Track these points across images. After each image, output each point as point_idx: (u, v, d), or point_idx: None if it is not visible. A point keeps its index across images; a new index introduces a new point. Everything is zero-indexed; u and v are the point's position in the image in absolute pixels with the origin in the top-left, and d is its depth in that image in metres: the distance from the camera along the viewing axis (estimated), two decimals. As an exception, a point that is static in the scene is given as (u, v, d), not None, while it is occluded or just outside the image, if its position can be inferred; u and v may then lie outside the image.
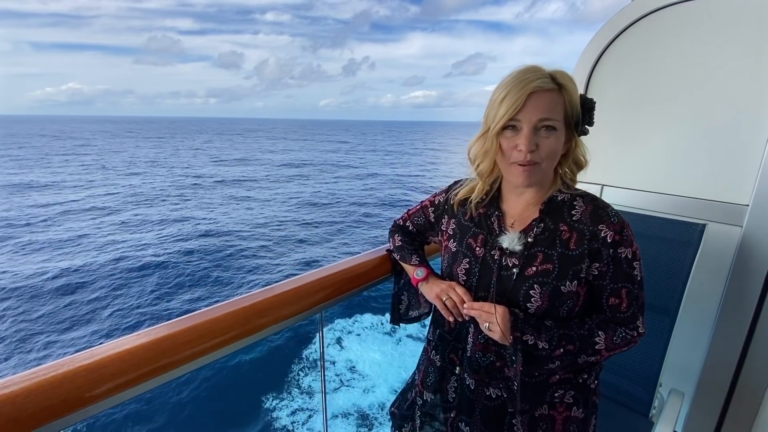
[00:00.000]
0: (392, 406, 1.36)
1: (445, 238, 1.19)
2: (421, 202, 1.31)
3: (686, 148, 1.72)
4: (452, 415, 1.14)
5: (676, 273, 1.52)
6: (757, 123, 1.53)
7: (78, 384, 0.72)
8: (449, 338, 1.14)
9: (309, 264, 13.55)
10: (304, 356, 8.10)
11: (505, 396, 1.05)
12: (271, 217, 19.66)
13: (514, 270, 1.00)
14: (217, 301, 1.04)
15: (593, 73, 1.91)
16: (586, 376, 1.08)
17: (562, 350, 0.96)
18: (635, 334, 1.01)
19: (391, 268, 1.40)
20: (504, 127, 0.96)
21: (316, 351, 7.89)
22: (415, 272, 1.21)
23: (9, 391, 0.66)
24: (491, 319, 0.96)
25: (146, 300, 11.25)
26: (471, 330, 1.07)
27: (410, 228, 1.34)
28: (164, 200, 23.06)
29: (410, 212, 1.34)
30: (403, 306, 1.38)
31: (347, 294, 1.32)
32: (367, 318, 9.32)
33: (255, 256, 14.41)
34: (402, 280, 1.38)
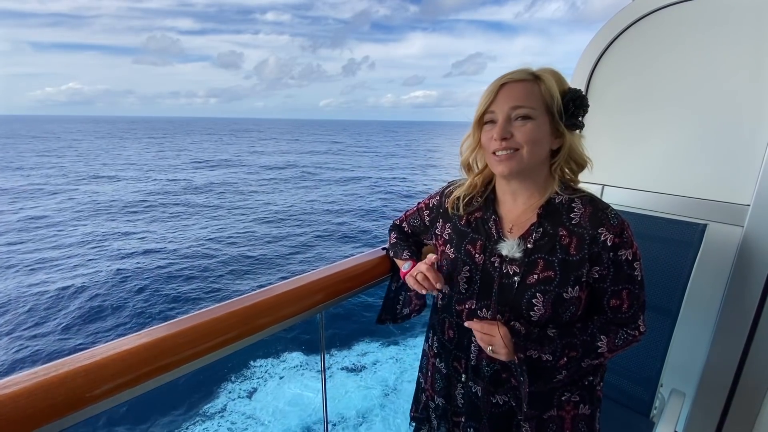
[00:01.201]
0: (411, 410, 1.36)
1: (440, 242, 1.18)
2: (418, 203, 1.31)
3: (687, 148, 1.72)
4: (462, 419, 1.14)
5: (677, 273, 1.53)
6: (758, 122, 1.54)
7: (78, 384, 0.71)
8: (450, 347, 1.14)
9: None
10: (201, 411, 6.89)
11: (513, 404, 1.04)
12: (229, 229, 16.78)
13: (516, 278, 0.99)
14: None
15: (593, 73, 1.91)
16: (591, 378, 1.08)
17: (566, 359, 0.96)
18: (636, 334, 1.01)
19: (389, 268, 1.40)
20: (484, 121, 1.01)
21: (218, 403, 6.97)
22: (403, 266, 1.22)
23: (10, 391, 0.65)
24: (494, 342, 0.96)
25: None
26: (474, 339, 1.06)
27: (406, 229, 1.35)
28: (125, 208, 19.92)
29: (407, 213, 1.34)
30: (399, 306, 1.38)
31: (346, 294, 1.32)
32: (296, 357, 7.97)
33: (190, 279, 11.78)
34: (401, 280, 1.37)
